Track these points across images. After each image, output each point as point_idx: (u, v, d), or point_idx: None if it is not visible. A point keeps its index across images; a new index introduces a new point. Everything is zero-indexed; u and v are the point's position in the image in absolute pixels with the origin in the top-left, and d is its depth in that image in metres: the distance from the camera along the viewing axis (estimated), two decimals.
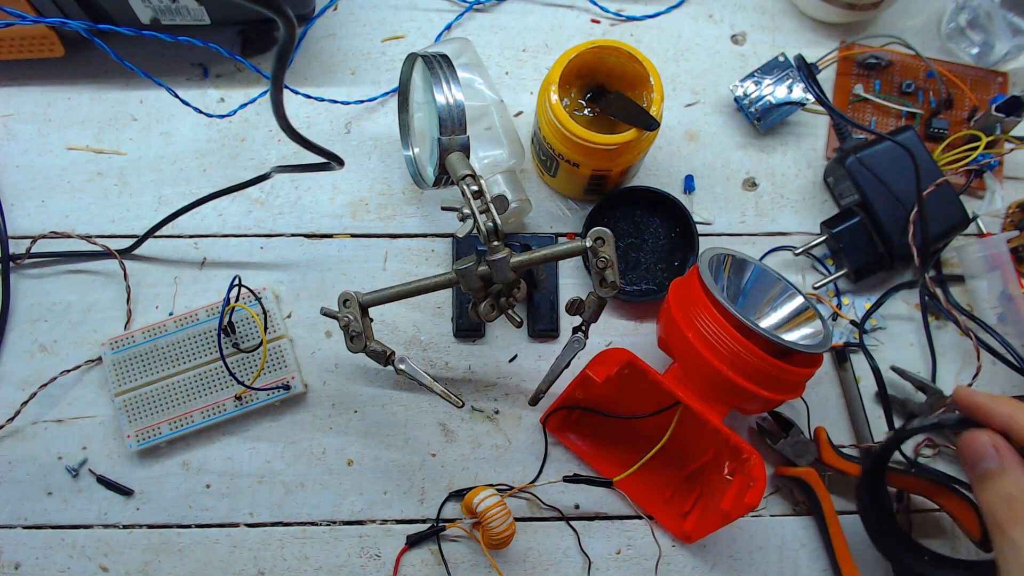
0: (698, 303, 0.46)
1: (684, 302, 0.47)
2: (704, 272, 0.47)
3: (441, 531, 0.52)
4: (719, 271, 0.50)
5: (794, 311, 0.52)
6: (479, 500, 0.49)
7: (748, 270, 0.52)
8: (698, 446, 0.52)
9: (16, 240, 0.55)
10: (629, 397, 0.52)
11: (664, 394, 0.48)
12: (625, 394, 0.52)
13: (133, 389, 0.52)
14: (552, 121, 0.49)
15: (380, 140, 0.58)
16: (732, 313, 0.45)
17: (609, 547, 0.53)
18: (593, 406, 0.53)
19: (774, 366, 0.44)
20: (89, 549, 0.52)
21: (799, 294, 0.52)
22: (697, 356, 0.45)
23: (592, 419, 0.54)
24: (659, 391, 0.48)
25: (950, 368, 0.57)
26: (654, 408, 0.50)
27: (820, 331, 0.49)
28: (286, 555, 0.52)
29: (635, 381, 0.50)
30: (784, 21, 0.62)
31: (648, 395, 0.50)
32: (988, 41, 0.59)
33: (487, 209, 0.44)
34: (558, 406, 0.52)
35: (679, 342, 0.47)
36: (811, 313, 0.51)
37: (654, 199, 0.56)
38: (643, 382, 0.49)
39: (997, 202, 0.58)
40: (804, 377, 0.47)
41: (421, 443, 0.54)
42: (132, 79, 0.58)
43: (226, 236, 0.57)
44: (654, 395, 0.49)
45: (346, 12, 0.61)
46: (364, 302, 0.48)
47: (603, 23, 0.62)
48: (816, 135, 0.60)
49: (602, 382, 0.47)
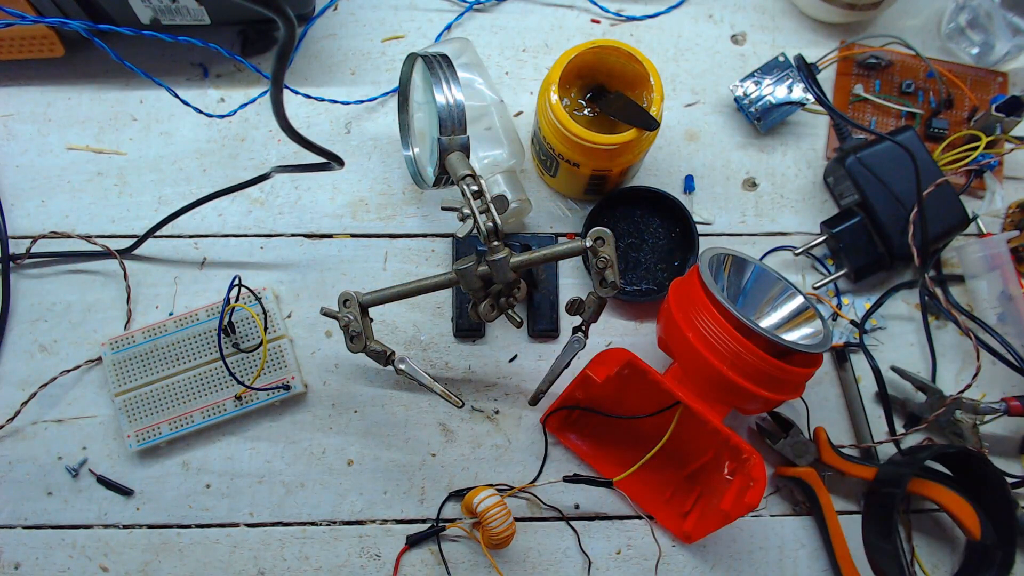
0: (698, 303, 0.46)
1: (684, 302, 0.47)
2: (704, 272, 0.47)
3: (441, 531, 0.52)
4: (719, 271, 0.50)
5: (794, 311, 0.52)
6: (479, 500, 0.49)
7: (748, 270, 0.52)
8: (698, 446, 0.52)
9: (16, 240, 0.55)
10: (629, 397, 0.52)
11: (664, 394, 0.48)
12: (625, 394, 0.52)
13: (133, 389, 0.52)
14: (552, 121, 0.49)
15: (380, 140, 0.58)
16: (732, 313, 0.45)
17: (609, 547, 0.53)
18: (593, 406, 0.53)
19: (774, 366, 0.44)
20: (89, 549, 0.52)
21: (799, 294, 0.52)
22: (697, 356, 0.45)
23: (592, 419, 0.54)
24: (659, 391, 0.48)
25: (950, 368, 0.57)
26: (654, 408, 0.50)
27: (820, 331, 0.49)
28: (286, 555, 0.52)
29: (635, 381, 0.50)
30: (784, 21, 0.62)
31: (648, 395, 0.50)
32: (988, 41, 0.59)
33: (487, 209, 0.44)
34: (558, 406, 0.52)
35: (679, 342, 0.47)
36: (811, 313, 0.51)
37: (654, 199, 0.56)
38: (643, 382, 0.49)
39: (997, 202, 0.58)
40: (804, 377, 0.47)
41: (421, 443, 0.54)
42: (132, 79, 0.58)
43: (226, 236, 0.57)
44: (654, 395, 0.49)
45: (346, 12, 0.61)
46: (364, 302, 0.48)
47: (603, 23, 0.62)
48: (816, 135, 0.60)
49: (602, 382, 0.47)
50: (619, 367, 0.48)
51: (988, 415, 0.52)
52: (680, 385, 0.47)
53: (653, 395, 0.49)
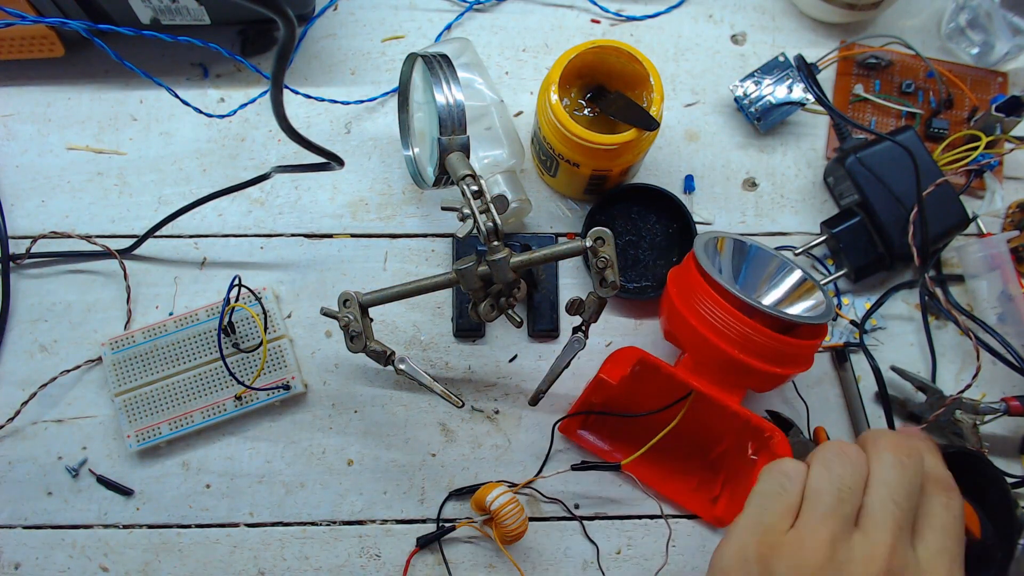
0: (699, 290, 0.46)
1: (685, 290, 0.47)
2: (701, 257, 0.47)
3: (451, 530, 0.51)
4: (714, 255, 0.50)
5: (793, 285, 0.51)
6: (493, 497, 0.49)
7: (743, 250, 0.52)
8: (718, 431, 0.52)
9: (16, 240, 0.55)
10: (643, 393, 0.52)
11: (678, 385, 0.48)
12: (639, 390, 0.52)
13: (133, 389, 0.52)
14: (552, 121, 0.49)
15: (380, 140, 0.58)
16: (735, 295, 0.44)
17: (609, 546, 0.53)
18: (608, 406, 0.52)
19: (783, 342, 0.44)
20: (89, 549, 0.52)
21: (796, 268, 0.52)
22: (706, 343, 0.45)
23: (608, 419, 0.54)
24: (673, 383, 0.47)
25: (950, 368, 0.57)
26: (670, 400, 0.50)
27: (822, 301, 0.49)
28: (286, 555, 0.52)
29: (648, 376, 0.50)
30: (784, 21, 0.62)
31: (662, 388, 0.50)
32: (988, 41, 0.59)
33: (487, 209, 0.44)
34: (574, 412, 0.52)
35: (685, 331, 0.47)
36: (810, 285, 0.51)
37: (650, 196, 0.56)
38: (656, 376, 0.48)
39: (997, 202, 0.58)
40: (813, 349, 0.47)
41: (421, 443, 0.54)
42: (132, 79, 0.58)
43: (226, 236, 0.57)
44: (668, 387, 0.49)
45: (346, 12, 0.61)
46: (364, 302, 0.48)
47: (603, 23, 0.62)
48: (816, 135, 0.60)
49: (617, 384, 0.47)
50: (632, 366, 0.47)
51: (988, 415, 0.52)
52: (693, 374, 0.47)
53: (667, 387, 0.49)
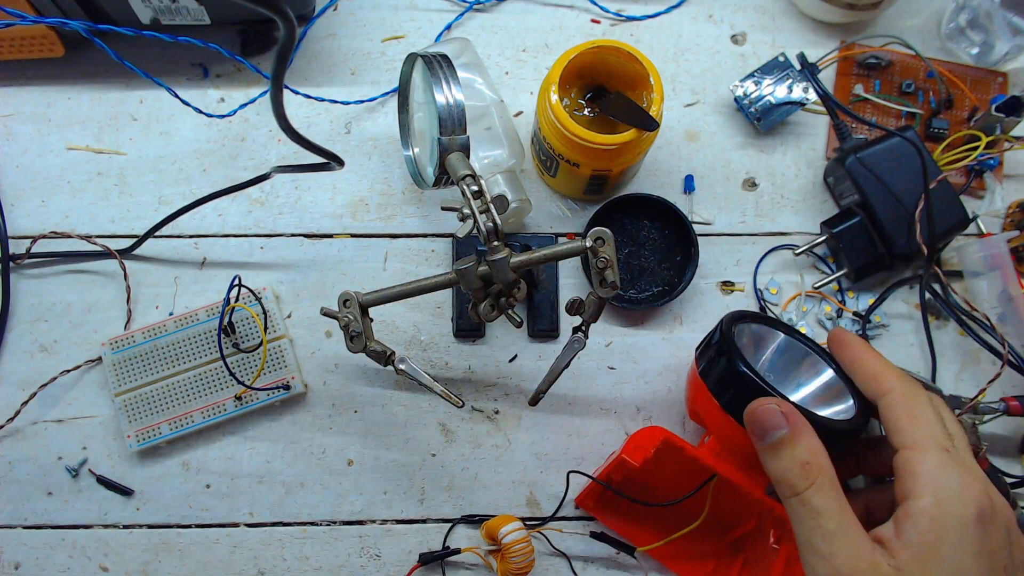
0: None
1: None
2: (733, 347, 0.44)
3: (455, 553, 0.51)
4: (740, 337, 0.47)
5: (823, 385, 0.48)
6: (508, 530, 0.48)
7: (773, 339, 0.49)
8: (740, 513, 0.51)
9: (16, 240, 0.55)
10: (665, 471, 0.50)
11: (702, 468, 0.46)
12: (660, 469, 0.49)
13: (133, 389, 0.52)
14: (552, 121, 0.49)
15: (380, 140, 0.58)
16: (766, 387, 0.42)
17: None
18: (628, 483, 0.51)
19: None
20: (89, 549, 0.52)
21: (828, 367, 0.47)
22: (734, 430, 0.43)
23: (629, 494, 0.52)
24: (696, 465, 0.46)
25: (950, 368, 0.57)
26: (691, 479, 0.48)
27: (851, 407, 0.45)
28: (286, 555, 0.52)
29: (671, 455, 0.48)
30: (784, 21, 0.62)
31: (685, 467, 0.48)
32: (988, 41, 0.59)
33: (487, 209, 0.44)
34: (593, 486, 0.50)
35: (713, 416, 0.44)
36: (840, 388, 0.46)
37: (639, 203, 0.56)
38: (679, 456, 0.47)
39: (997, 202, 0.58)
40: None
41: (421, 443, 0.54)
42: (132, 79, 0.58)
43: (226, 236, 0.57)
44: (691, 467, 0.47)
45: (346, 12, 0.61)
46: (364, 302, 0.48)
47: (603, 23, 0.62)
48: (816, 135, 0.60)
49: (640, 466, 0.46)
50: (655, 447, 0.46)
51: (988, 415, 0.52)
52: (718, 459, 0.45)
53: (690, 467, 0.47)
